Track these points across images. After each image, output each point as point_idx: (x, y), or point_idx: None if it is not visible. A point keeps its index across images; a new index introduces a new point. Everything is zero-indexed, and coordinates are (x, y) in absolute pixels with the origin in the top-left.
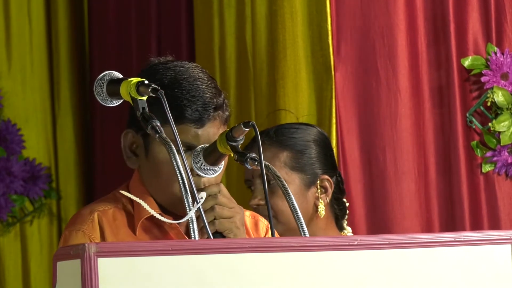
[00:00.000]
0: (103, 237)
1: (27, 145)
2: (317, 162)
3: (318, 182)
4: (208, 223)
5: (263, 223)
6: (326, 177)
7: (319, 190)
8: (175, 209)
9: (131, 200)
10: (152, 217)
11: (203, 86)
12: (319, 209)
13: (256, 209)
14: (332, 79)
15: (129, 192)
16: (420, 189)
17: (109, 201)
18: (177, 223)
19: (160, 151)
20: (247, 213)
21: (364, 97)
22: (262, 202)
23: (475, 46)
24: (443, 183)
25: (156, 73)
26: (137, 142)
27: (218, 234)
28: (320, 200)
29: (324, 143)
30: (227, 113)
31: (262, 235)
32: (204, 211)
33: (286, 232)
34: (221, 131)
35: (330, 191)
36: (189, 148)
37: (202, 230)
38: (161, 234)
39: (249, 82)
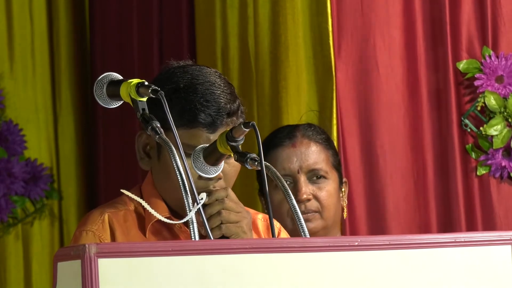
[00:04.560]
0: (113, 238)
1: (28, 146)
2: (340, 165)
3: (343, 184)
4: (215, 227)
5: (275, 225)
6: (345, 180)
7: (344, 192)
8: (184, 212)
9: None
10: (161, 220)
11: (218, 92)
12: (344, 211)
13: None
14: (333, 80)
15: (141, 194)
16: (419, 190)
17: (120, 203)
18: (186, 226)
19: None
20: (260, 216)
21: (365, 98)
22: None
23: (471, 49)
24: (440, 185)
25: (173, 76)
26: (151, 144)
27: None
28: (345, 201)
29: None
30: (241, 120)
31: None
32: (211, 216)
33: (324, 228)
34: None
35: (346, 194)
36: None
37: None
38: (171, 236)
39: (251, 83)
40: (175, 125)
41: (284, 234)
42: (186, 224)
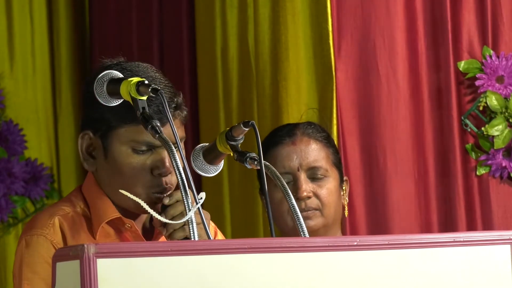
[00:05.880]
0: (64, 241)
1: (29, 145)
2: (341, 163)
3: (344, 182)
4: (178, 229)
5: (212, 225)
6: (346, 178)
7: (344, 190)
8: (137, 210)
9: (87, 204)
10: (110, 222)
11: (161, 86)
12: (345, 209)
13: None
14: (333, 80)
15: (83, 196)
16: (420, 191)
17: (66, 206)
18: (136, 225)
19: (120, 152)
20: None
21: (365, 98)
22: None
23: (471, 49)
24: (441, 185)
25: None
26: (95, 144)
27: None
28: (346, 199)
29: None
30: (185, 113)
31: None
32: (174, 217)
33: (324, 226)
34: (180, 130)
35: (347, 192)
36: (150, 148)
37: (171, 235)
38: (120, 238)
39: (251, 83)
40: (122, 123)
41: (220, 236)
42: (136, 222)
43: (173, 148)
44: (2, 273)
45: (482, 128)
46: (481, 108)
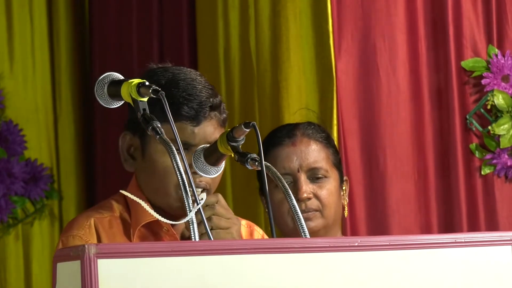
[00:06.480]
0: (99, 242)
1: (28, 146)
2: (341, 163)
3: (344, 182)
4: (205, 233)
5: (258, 232)
6: (346, 178)
7: (345, 191)
8: (172, 210)
9: (127, 208)
10: (148, 225)
11: (200, 86)
12: (345, 209)
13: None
14: (334, 80)
15: (125, 199)
16: (420, 191)
17: (104, 209)
18: (174, 228)
19: (155, 151)
20: (243, 222)
21: (365, 99)
22: None
23: (475, 48)
24: (442, 185)
25: (154, 75)
26: (135, 145)
27: None
28: (346, 199)
29: None
30: (224, 115)
31: None
32: (202, 222)
33: (324, 227)
34: (217, 131)
35: (347, 192)
36: (186, 147)
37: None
38: (157, 240)
39: (252, 83)
40: (159, 121)
41: None
42: (173, 226)
43: (174, 149)
44: (2, 273)
45: (489, 127)
46: (489, 107)
